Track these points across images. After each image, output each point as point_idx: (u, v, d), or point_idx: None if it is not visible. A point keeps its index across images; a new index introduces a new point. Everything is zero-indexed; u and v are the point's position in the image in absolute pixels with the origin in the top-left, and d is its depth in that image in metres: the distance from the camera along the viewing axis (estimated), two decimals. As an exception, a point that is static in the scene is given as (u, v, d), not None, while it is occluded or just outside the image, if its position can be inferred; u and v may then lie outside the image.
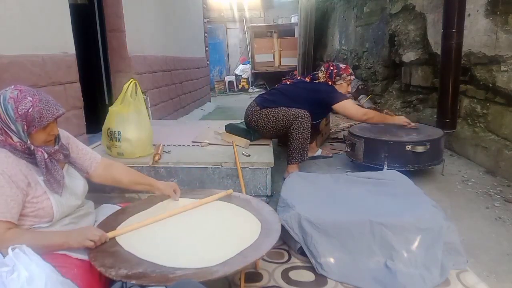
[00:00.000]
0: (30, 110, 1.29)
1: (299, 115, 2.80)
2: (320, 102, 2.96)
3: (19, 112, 1.28)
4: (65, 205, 1.44)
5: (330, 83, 3.04)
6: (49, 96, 1.39)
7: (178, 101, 5.76)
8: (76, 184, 1.56)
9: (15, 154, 1.34)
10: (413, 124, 3.09)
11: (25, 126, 1.30)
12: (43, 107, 1.32)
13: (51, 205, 1.38)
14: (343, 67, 3.09)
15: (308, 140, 2.87)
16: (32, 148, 1.33)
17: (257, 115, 2.95)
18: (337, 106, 2.93)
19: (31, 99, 1.31)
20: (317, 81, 3.08)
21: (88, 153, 1.68)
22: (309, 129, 2.83)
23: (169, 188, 1.80)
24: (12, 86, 1.35)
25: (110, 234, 1.43)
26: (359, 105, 4.31)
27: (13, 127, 1.30)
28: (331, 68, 3.07)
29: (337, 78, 3.05)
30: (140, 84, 2.59)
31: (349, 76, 3.09)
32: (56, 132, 1.43)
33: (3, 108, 1.29)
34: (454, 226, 1.79)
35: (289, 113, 2.83)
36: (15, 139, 1.31)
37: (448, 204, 2.45)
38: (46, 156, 1.36)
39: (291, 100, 2.94)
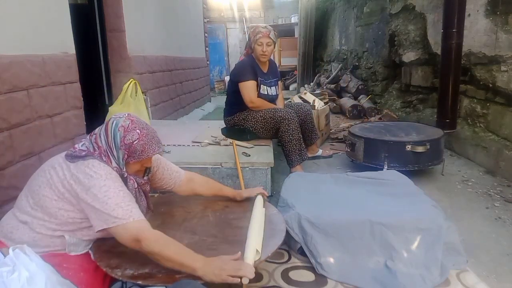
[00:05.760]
0: (135, 142, 1.35)
1: (286, 117, 2.77)
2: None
3: (125, 142, 1.35)
4: None
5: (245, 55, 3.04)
6: (156, 132, 1.45)
7: (178, 101, 5.76)
8: None
9: None
10: None
11: (126, 155, 1.36)
12: (147, 142, 1.37)
13: None
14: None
15: (301, 140, 2.85)
16: (125, 175, 1.39)
17: (242, 115, 2.95)
18: (240, 85, 2.87)
19: (139, 132, 1.37)
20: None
21: (173, 173, 1.72)
22: (298, 129, 2.81)
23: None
24: (126, 114, 1.42)
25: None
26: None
27: (115, 153, 1.36)
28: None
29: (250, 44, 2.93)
30: (140, 84, 2.59)
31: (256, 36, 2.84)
32: (149, 165, 1.49)
33: (112, 134, 1.36)
34: (454, 226, 1.79)
35: (276, 115, 2.80)
36: (114, 163, 1.36)
37: (448, 204, 2.45)
38: (136, 185, 1.43)
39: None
